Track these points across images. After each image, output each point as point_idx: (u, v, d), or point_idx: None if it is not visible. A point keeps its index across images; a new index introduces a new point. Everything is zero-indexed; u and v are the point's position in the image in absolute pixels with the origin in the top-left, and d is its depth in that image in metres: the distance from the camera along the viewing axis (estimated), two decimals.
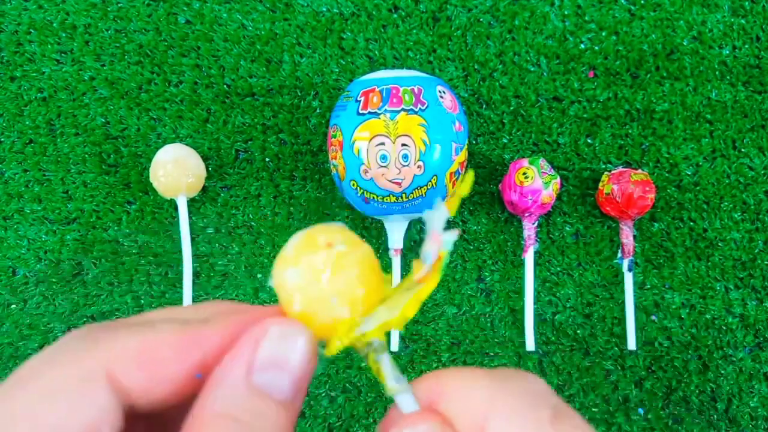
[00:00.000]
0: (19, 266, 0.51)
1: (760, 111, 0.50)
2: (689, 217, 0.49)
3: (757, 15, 0.50)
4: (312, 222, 0.50)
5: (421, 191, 0.43)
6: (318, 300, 0.18)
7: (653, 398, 0.48)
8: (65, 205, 0.51)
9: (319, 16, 0.51)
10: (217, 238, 0.50)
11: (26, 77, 0.52)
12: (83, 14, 0.52)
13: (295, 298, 0.18)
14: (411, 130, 0.42)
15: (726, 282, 0.49)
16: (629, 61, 0.50)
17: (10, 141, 0.51)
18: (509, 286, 0.49)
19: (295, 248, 0.18)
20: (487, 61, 0.50)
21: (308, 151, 0.51)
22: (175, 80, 0.51)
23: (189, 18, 0.51)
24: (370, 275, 0.19)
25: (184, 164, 0.48)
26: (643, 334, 0.48)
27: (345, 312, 0.18)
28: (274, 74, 0.51)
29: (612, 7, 0.50)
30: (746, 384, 0.48)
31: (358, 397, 0.49)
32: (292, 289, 0.18)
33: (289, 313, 0.18)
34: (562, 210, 0.50)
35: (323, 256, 0.18)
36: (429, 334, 0.49)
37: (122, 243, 0.50)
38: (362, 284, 0.18)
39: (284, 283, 0.18)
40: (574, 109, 0.50)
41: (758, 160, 0.49)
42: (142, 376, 0.17)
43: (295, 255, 0.18)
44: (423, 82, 0.43)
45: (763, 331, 0.48)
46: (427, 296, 0.18)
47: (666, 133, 0.50)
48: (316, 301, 0.18)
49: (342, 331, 0.18)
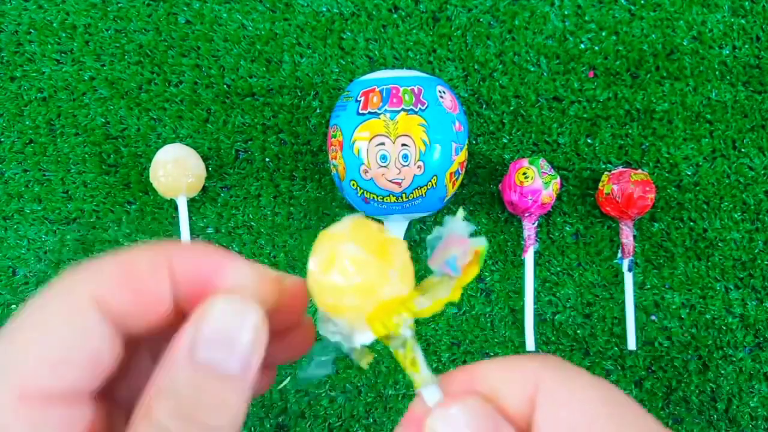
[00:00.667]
0: (19, 266, 0.51)
1: (760, 111, 0.50)
2: (689, 217, 0.49)
3: (757, 15, 0.50)
4: (312, 222, 0.50)
5: (421, 191, 0.43)
6: (378, 276, 0.18)
7: (653, 398, 0.48)
8: (65, 205, 0.51)
9: (319, 16, 0.51)
10: (217, 238, 0.50)
11: (26, 77, 0.52)
12: (83, 14, 0.52)
13: (350, 272, 0.18)
14: (411, 130, 0.41)
15: (726, 282, 0.49)
16: (629, 61, 0.50)
17: (10, 141, 0.51)
18: (509, 286, 0.49)
19: (351, 229, 0.19)
20: (487, 61, 0.50)
21: (308, 151, 0.51)
22: (175, 80, 0.51)
23: (189, 18, 0.51)
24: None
25: (184, 164, 0.48)
26: (643, 334, 0.48)
27: (404, 290, 0.18)
28: (274, 74, 0.51)
29: (612, 7, 0.50)
30: (746, 384, 0.48)
31: (358, 397, 0.49)
32: (351, 263, 0.18)
33: (345, 285, 0.18)
34: (562, 210, 0.50)
35: (382, 236, 0.18)
36: (429, 334, 0.49)
37: (122, 243, 0.50)
38: (411, 266, 0.19)
39: (342, 254, 0.18)
40: (574, 109, 0.50)
41: (758, 160, 0.49)
42: (126, 297, 0.18)
43: (353, 233, 0.18)
44: (423, 82, 0.43)
45: (763, 331, 0.48)
46: (469, 280, 0.19)
47: (666, 133, 0.50)
48: (377, 276, 0.18)
49: (405, 306, 0.18)
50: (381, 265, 0.18)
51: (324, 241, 0.19)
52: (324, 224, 0.50)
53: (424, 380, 0.19)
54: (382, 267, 0.18)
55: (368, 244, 0.18)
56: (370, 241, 0.18)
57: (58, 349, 0.16)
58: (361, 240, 0.18)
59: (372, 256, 0.18)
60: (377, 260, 0.18)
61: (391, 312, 0.18)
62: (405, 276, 0.18)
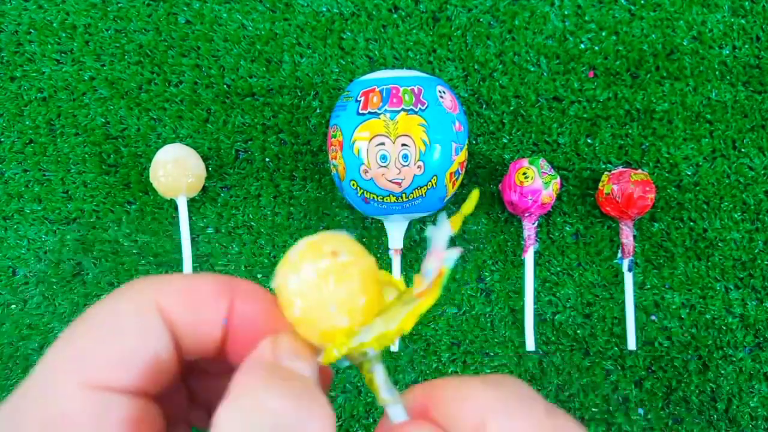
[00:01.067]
0: (19, 266, 0.51)
1: (760, 111, 0.50)
2: (689, 217, 0.49)
3: (757, 15, 0.50)
4: (312, 222, 0.50)
5: (421, 191, 0.43)
6: (318, 307, 0.18)
7: (653, 398, 0.48)
8: (65, 205, 0.51)
9: (319, 16, 0.51)
10: (217, 238, 0.50)
11: (26, 77, 0.52)
12: (83, 14, 0.52)
13: (295, 303, 0.18)
14: (411, 130, 0.41)
15: (726, 282, 0.49)
16: (629, 61, 0.50)
17: (10, 141, 0.51)
18: (509, 286, 0.49)
19: (300, 254, 0.18)
20: (487, 61, 0.50)
21: (308, 151, 0.51)
22: (175, 80, 0.51)
23: (189, 18, 0.51)
24: (371, 286, 0.19)
25: (184, 164, 0.48)
26: (643, 334, 0.48)
27: (344, 321, 0.18)
28: (274, 74, 0.51)
29: (612, 7, 0.50)
30: (746, 384, 0.48)
31: (358, 397, 0.49)
32: (293, 294, 0.18)
33: (288, 317, 0.18)
34: (562, 210, 0.50)
35: (327, 264, 0.18)
36: (429, 334, 0.49)
37: (122, 243, 0.50)
38: (363, 294, 0.18)
39: (286, 288, 0.18)
40: (574, 109, 0.50)
41: (758, 160, 0.49)
42: (186, 312, 0.18)
43: (299, 260, 0.18)
44: (423, 82, 0.43)
45: (763, 331, 0.48)
46: (425, 311, 0.18)
47: (666, 133, 0.50)
48: (316, 308, 0.18)
49: (339, 340, 0.18)
50: (320, 299, 0.18)
51: (279, 268, 0.19)
52: (324, 224, 0.50)
53: (385, 401, 0.19)
54: (323, 300, 0.18)
55: (313, 273, 0.18)
56: (316, 270, 0.18)
57: (123, 345, 0.17)
58: (306, 269, 0.18)
59: (312, 286, 0.18)
60: (316, 293, 0.18)
61: (334, 342, 0.18)
62: (347, 306, 0.18)
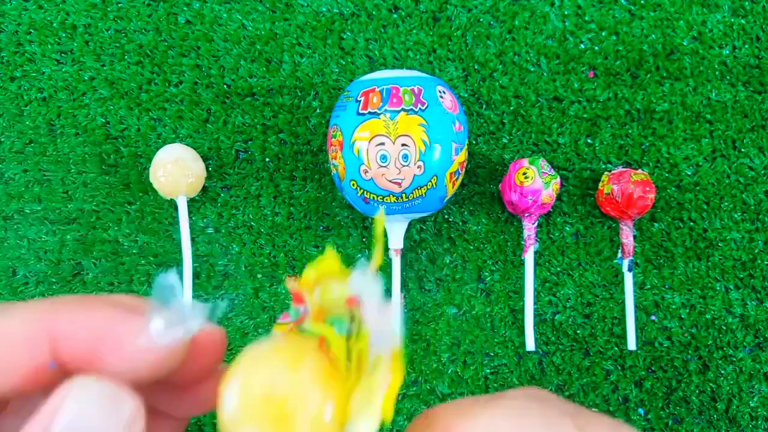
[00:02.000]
0: (19, 266, 0.51)
1: (760, 111, 0.50)
2: (689, 217, 0.49)
3: (757, 15, 0.50)
4: (312, 222, 0.50)
5: (421, 191, 0.43)
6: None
7: (653, 398, 0.48)
8: (65, 205, 0.51)
9: (319, 16, 0.51)
10: (217, 238, 0.50)
11: (26, 77, 0.52)
12: (83, 14, 0.52)
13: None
14: (411, 130, 0.42)
15: (726, 282, 0.49)
16: (629, 61, 0.50)
17: (10, 141, 0.51)
18: (509, 286, 0.49)
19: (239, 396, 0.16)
20: (487, 61, 0.50)
21: (308, 151, 0.51)
22: (175, 80, 0.51)
23: (189, 18, 0.51)
24: (327, 390, 0.17)
25: (184, 164, 0.48)
26: (643, 334, 0.48)
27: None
28: (274, 74, 0.51)
29: (612, 7, 0.50)
30: (746, 384, 0.48)
31: None
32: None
33: None
34: (562, 210, 0.50)
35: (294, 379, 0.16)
36: (429, 334, 0.49)
37: (122, 243, 0.50)
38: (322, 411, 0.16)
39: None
40: (574, 109, 0.50)
41: (758, 160, 0.49)
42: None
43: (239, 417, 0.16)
44: (423, 82, 0.43)
45: (763, 331, 0.48)
46: (396, 392, 0.17)
47: (666, 133, 0.50)
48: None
49: None
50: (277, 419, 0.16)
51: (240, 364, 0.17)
52: (324, 224, 0.50)
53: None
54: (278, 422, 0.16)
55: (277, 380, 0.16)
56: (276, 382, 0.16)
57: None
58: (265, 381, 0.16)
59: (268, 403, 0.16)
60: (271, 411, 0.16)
61: None
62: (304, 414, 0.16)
